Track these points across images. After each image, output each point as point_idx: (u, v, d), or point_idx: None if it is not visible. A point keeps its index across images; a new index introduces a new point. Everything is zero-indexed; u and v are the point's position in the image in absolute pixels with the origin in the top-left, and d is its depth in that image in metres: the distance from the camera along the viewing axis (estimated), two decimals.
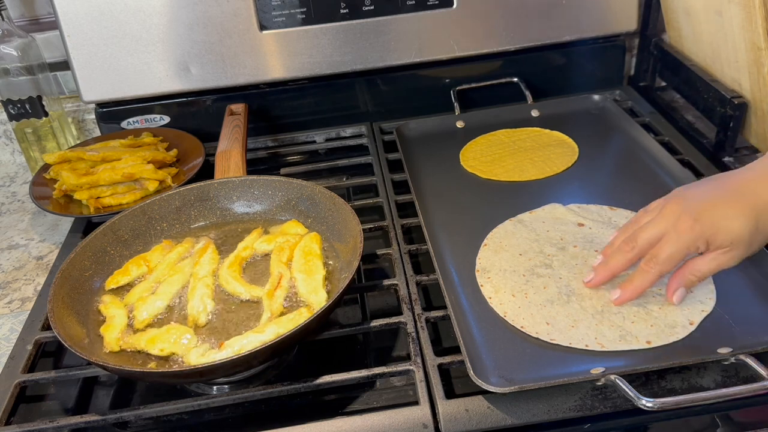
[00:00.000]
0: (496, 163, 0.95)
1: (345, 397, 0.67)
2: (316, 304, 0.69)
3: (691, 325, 0.65)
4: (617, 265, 0.68)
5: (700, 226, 0.63)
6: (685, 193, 0.67)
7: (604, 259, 0.70)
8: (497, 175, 0.92)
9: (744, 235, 0.63)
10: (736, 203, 0.63)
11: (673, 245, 0.64)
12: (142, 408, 0.64)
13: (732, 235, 0.63)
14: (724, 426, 0.63)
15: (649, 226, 0.66)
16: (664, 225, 0.65)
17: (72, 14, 0.99)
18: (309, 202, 0.83)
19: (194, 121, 1.10)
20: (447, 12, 1.04)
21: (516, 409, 0.60)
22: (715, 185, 0.66)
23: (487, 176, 0.93)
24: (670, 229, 0.64)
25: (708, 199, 0.65)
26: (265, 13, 1.01)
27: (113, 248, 0.79)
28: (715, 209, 0.64)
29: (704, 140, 0.98)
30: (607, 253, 0.70)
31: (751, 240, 0.63)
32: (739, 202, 0.63)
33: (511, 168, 0.94)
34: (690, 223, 0.63)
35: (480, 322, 0.68)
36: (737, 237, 0.63)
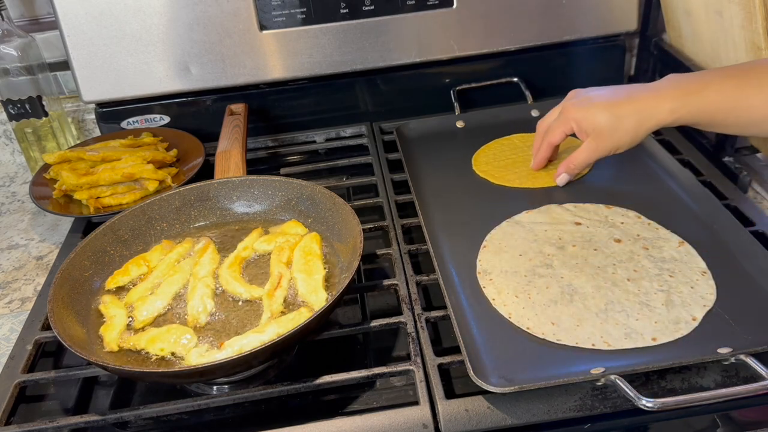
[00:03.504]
0: (509, 169, 0.94)
1: (345, 397, 0.67)
2: (316, 304, 0.69)
3: (694, 320, 0.66)
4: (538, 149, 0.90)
5: (575, 114, 0.81)
6: (587, 91, 0.83)
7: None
8: (510, 182, 0.91)
9: (604, 127, 0.78)
10: (609, 102, 0.78)
11: (555, 125, 0.85)
12: (142, 408, 0.64)
13: (594, 124, 0.79)
14: (724, 426, 0.63)
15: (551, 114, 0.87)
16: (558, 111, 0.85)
17: (72, 14, 0.99)
18: (309, 202, 0.83)
19: (194, 121, 1.10)
20: (447, 12, 1.04)
21: (516, 409, 0.60)
22: (610, 90, 0.81)
23: (499, 182, 0.91)
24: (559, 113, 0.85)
25: (591, 99, 0.80)
26: (265, 13, 1.01)
27: (113, 248, 0.79)
28: (591, 105, 0.79)
29: (704, 140, 0.98)
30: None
31: (612, 133, 0.78)
32: (612, 102, 0.78)
33: (524, 174, 0.92)
34: (570, 112, 0.82)
35: (480, 322, 0.68)
36: (598, 127, 0.78)
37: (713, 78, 0.74)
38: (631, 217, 0.82)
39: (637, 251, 0.76)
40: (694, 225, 0.80)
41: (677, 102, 0.74)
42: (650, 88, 0.77)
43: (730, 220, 0.78)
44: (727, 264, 0.73)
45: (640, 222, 0.81)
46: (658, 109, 0.75)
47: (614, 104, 0.78)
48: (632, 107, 0.76)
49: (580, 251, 0.76)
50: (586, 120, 0.79)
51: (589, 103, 0.80)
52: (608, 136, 0.78)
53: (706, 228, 0.79)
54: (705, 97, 0.73)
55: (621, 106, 0.77)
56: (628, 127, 0.77)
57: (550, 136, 0.86)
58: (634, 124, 0.76)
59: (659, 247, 0.76)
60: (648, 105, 0.75)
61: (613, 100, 0.78)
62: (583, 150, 0.82)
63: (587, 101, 0.80)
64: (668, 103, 0.74)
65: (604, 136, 0.78)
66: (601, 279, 0.72)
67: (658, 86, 0.76)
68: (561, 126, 0.84)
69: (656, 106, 0.75)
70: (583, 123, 0.80)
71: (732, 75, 0.73)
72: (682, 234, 0.78)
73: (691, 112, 0.74)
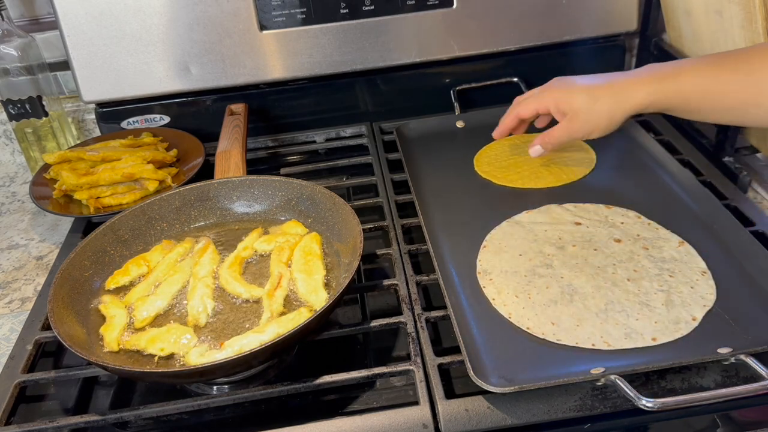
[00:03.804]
0: (511, 169, 0.93)
1: (345, 397, 0.67)
2: (316, 304, 0.69)
3: (694, 320, 0.66)
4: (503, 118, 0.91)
5: (554, 94, 0.83)
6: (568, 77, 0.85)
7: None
8: (512, 182, 0.91)
9: (580, 109, 0.80)
10: (587, 87, 0.80)
11: (530, 100, 0.86)
12: (142, 408, 0.64)
13: (571, 104, 0.80)
14: (724, 426, 0.63)
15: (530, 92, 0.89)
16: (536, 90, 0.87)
17: (72, 14, 0.99)
18: (309, 202, 0.83)
19: (194, 121, 1.10)
20: (447, 12, 1.04)
21: (516, 409, 0.60)
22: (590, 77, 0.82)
23: (501, 182, 0.91)
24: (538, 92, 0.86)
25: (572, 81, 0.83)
26: (265, 13, 1.01)
27: (113, 248, 0.79)
28: (570, 88, 0.82)
29: (704, 140, 0.98)
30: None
31: (588, 115, 0.80)
32: (590, 87, 0.80)
33: (526, 175, 0.92)
34: (549, 92, 0.84)
35: (480, 322, 0.68)
36: (574, 107, 0.80)
37: (689, 64, 0.76)
38: (631, 217, 0.82)
39: (637, 251, 0.76)
40: (694, 225, 0.80)
41: (653, 86, 0.76)
42: (629, 74, 0.79)
43: (730, 220, 0.78)
44: (727, 264, 0.73)
45: (640, 222, 0.81)
46: (634, 92, 0.77)
47: (592, 87, 0.80)
48: (609, 90, 0.79)
49: (580, 251, 0.76)
50: (564, 100, 0.81)
51: (569, 85, 0.82)
52: (584, 116, 0.80)
53: (706, 228, 0.79)
54: (680, 82, 0.74)
55: (598, 89, 0.79)
56: (604, 109, 0.79)
57: (522, 108, 0.88)
58: (610, 106, 0.78)
59: (659, 247, 0.76)
60: (624, 88, 0.77)
61: (592, 84, 0.81)
62: (560, 128, 0.84)
63: (567, 83, 0.83)
64: (644, 87, 0.76)
65: (580, 117, 0.80)
66: (601, 279, 0.72)
67: (637, 72, 0.79)
68: (536, 102, 0.86)
69: (632, 89, 0.77)
70: (560, 102, 0.82)
71: (708, 62, 0.74)
72: (682, 234, 0.78)
73: (666, 96, 0.75)
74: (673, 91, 0.75)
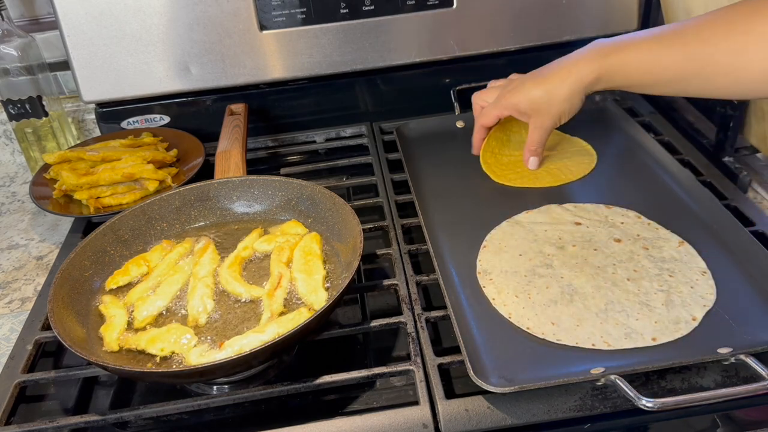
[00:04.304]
0: (511, 168, 0.93)
1: (345, 397, 0.67)
2: (316, 304, 0.69)
3: (694, 320, 0.66)
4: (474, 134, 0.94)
5: (510, 98, 0.85)
6: (518, 77, 0.86)
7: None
8: (511, 181, 0.91)
9: (540, 103, 0.81)
10: (537, 79, 0.82)
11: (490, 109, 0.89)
12: (142, 408, 0.64)
13: (530, 103, 0.82)
14: (724, 426, 0.63)
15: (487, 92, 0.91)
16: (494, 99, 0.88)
17: (72, 14, 0.99)
18: (309, 202, 0.83)
19: (194, 121, 1.10)
20: (447, 12, 1.05)
21: (516, 409, 0.60)
22: (534, 71, 0.84)
23: (500, 180, 0.91)
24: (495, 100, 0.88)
25: (524, 80, 0.84)
26: (265, 13, 1.01)
27: (113, 248, 0.79)
28: (522, 87, 0.83)
29: (704, 140, 0.98)
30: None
31: (549, 107, 0.81)
32: (540, 78, 0.82)
33: (526, 174, 0.92)
34: (505, 98, 0.85)
35: (480, 322, 0.68)
36: (534, 105, 0.82)
37: (632, 39, 0.76)
38: (631, 217, 0.82)
39: (637, 251, 0.76)
40: (694, 225, 0.80)
41: (596, 63, 0.77)
42: (574, 54, 0.81)
43: (730, 220, 0.78)
44: (727, 264, 0.73)
45: (640, 222, 0.81)
46: (581, 71, 0.78)
47: (543, 79, 0.81)
48: (559, 77, 0.80)
49: (580, 251, 0.76)
50: (522, 102, 0.83)
51: (521, 86, 0.83)
52: (547, 109, 0.82)
53: (706, 228, 0.79)
54: (622, 57, 0.76)
55: (549, 79, 0.81)
56: (562, 96, 0.80)
57: (484, 119, 0.90)
58: (565, 91, 0.80)
59: (659, 247, 0.76)
60: (572, 71, 0.79)
61: (541, 75, 0.82)
62: (533, 130, 0.86)
63: (519, 84, 0.84)
64: (588, 64, 0.78)
65: (543, 111, 0.82)
66: (601, 279, 0.72)
67: (581, 51, 0.80)
68: (496, 110, 0.88)
69: (579, 69, 0.78)
70: (520, 105, 0.84)
71: (650, 36, 0.75)
72: (682, 234, 0.78)
73: (610, 72, 0.77)
74: (617, 67, 0.76)
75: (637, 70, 0.75)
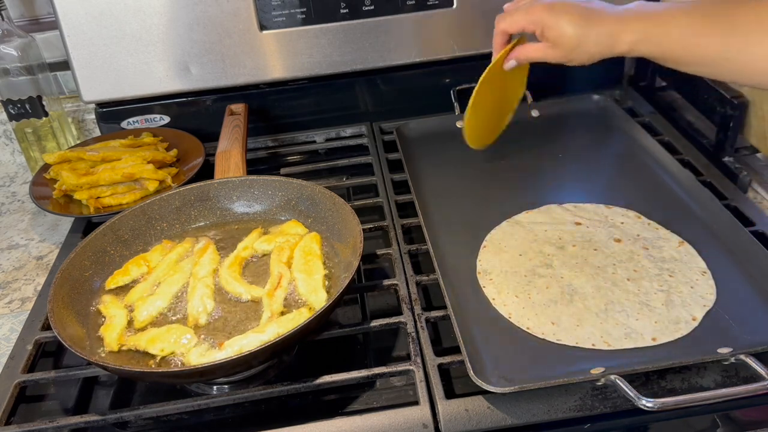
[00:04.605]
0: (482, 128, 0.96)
1: (345, 397, 0.67)
2: (316, 304, 0.69)
3: (694, 320, 0.66)
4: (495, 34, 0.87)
5: (544, 16, 0.78)
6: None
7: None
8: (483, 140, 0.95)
9: (568, 41, 0.77)
10: (580, 17, 0.77)
11: (518, 15, 0.81)
12: (142, 408, 0.64)
13: (559, 36, 0.78)
14: (724, 426, 0.63)
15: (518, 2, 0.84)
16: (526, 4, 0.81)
17: (72, 14, 0.99)
18: (309, 202, 0.83)
19: (194, 121, 1.10)
20: (447, 12, 1.04)
21: (516, 409, 0.60)
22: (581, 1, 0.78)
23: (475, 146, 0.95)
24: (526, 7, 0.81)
25: (565, 5, 0.78)
26: (265, 13, 1.01)
27: (113, 248, 0.79)
28: (562, 13, 0.78)
29: (704, 140, 0.98)
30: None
31: (573, 48, 0.78)
32: (582, 18, 0.76)
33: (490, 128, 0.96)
34: (538, 11, 0.79)
35: (480, 322, 0.68)
36: (561, 39, 0.78)
37: (678, 11, 0.73)
38: (631, 217, 0.82)
39: (637, 251, 0.76)
40: (694, 225, 0.80)
41: (640, 35, 0.74)
42: (617, 13, 0.76)
43: (730, 220, 0.78)
44: (727, 264, 0.73)
45: (640, 222, 0.81)
46: (620, 39, 0.75)
47: (584, 22, 0.77)
48: (598, 30, 0.76)
49: (580, 251, 0.76)
50: (553, 29, 0.78)
51: (560, 10, 0.78)
52: (568, 50, 0.78)
53: (706, 228, 0.79)
54: (667, 32, 0.73)
55: (589, 26, 0.76)
56: (590, 49, 0.77)
57: (508, 24, 0.83)
58: (597, 47, 0.77)
59: (659, 247, 0.76)
60: (613, 32, 0.75)
61: (583, 17, 0.77)
62: (539, 49, 0.81)
63: (558, 8, 0.78)
64: (630, 35, 0.74)
65: (564, 48, 0.79)
66: (601, 279, 0.72)
67: (625, 13, 0.76)
68: (523, 20, 0.81)
69: (619, 35, 0.75)
70: (548, 31, 0.79)
71: (697, 12, 0.72)
72: (682, 234, 0.78)
73: (650, 46, 0.74)
74: (658, 42, 0.73)
75: (678, 45, 0.72)
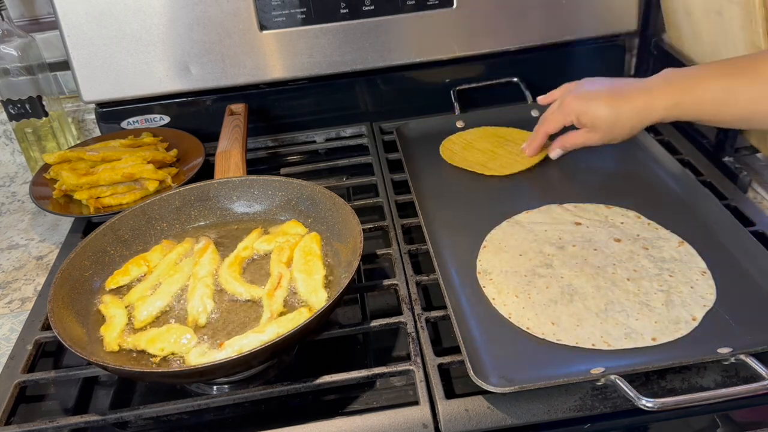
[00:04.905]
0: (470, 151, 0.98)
1: (345, 397, 0.67)
2: (316, 304, 0.69)
3: (694, 320, 0.66)
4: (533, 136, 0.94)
5: (575, 106, 0.84)
6: (585, 84, 0.87)
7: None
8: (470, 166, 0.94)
9: (602, 123, 0.82)
10: (609, 98, 0.82)
11: (555, 116, 0.88)
12: (142, 408, 0.64)
13: (594, 118, 0.83)
14: (724, 426, 0.63)
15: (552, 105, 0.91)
16: (558, 104, 0.89)
17: (72, 14, 0.99)
18: (309, 202, 0.83)
19: (194, 121, 1.10)
20: (447, 12, 1.04)
21: (516, 409, 0.60)
22: (607, 84, 0.84)
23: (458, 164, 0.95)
24: (559, 105, 0.88)
25: (593, 91, 0.84)
26: (265, 13, 1.01)
27: (113, 248, 0.79)
28: (592, 100, 0.83)
29: (704, 140, 0.98)
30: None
31: (611, 128, 0.82)
32: (612, 99, 0.81)
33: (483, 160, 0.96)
34: (571, 103, 0.85)
35: (480, 322, 0.68)
36: (597, 121, 0.83)
37: (705, 75, 0.77)
38: (631, 217, 0.82)
39: (637, 251, 0.76)
40: (694, 225, 0.80)
41: (671, 100, 0.77)
42: (646, 86, 0.80)
43: (730, 220, 0.78)
44: (727, 264, 0.73)
45: (640, 222, 0.81)
46: (654, 108, 0.79)
47: (614, 102, 0.81)
48: (630, 106, 0.80)
49: (580, 251, 0.76)
50: (587, 114, 0.83)
51: (590, 97, 0.83)
52: (607, 130, 0.83)
53: (706, 228, 0.79)
54: (697, 95, 0.76)
55: (620, 104, 0.81)
56: (626, 125, 0.82)
57: (547, 126, 0.90)
58: (632, 122, 0.81)
59: (659, 247, 0.76)
60: (645, 105, 0.79)
61: (612, 97, 0.82)
62: (581, 135, 0.87)
63: (587, 95, 0.84)
64: (663, 101, 0.78)
65: (602, 130, 0.84)
66: (601, 279, 0.72)
67: (653, 84, 0.79)
68: (560, 117, 0.88)
69: (652, 105, 0.79)
70: (583, 117, 0.84)
71: (723, 72, 0.75)
72: (682, 234, 0.78)
73: (683, 109, 0.77)
74: (690, 105, 0.77)
75: (711, 106, 0.75)
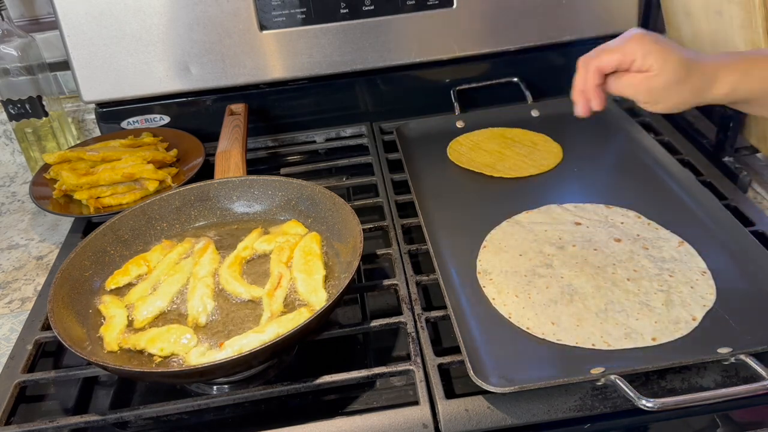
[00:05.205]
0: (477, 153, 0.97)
1: (345, 397, 0.67)
2: (316, 304, 0.69)
3: (694, 320, 0.66)
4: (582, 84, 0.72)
5: (647, 46, 0.68)
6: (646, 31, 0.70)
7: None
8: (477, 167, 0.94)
9: (671, 72, 0.67)
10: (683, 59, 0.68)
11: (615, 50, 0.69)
12: (142, 408, 0.64)
13: (662, 62, 0.67)
14: (724, 426, 0.63)
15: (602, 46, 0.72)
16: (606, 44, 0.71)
17: (72, 14, 0.99)
18: (309, 202, 0.83)
19: (194, 121, 1.10)
20: (447, 12, 1.04)
21: (516, 409, 0.60)
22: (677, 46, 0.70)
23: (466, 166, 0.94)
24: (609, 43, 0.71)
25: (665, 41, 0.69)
26: (265, 13, 1.01)
27: (113, 248, 0.79)
28: (668, 48, 0.68)
29: (704, 140, 0.98)
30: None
31: (675, 81, 0.68)
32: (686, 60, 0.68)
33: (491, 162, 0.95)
34: (643, 40, 0.68)
35: (480, 322, 0.68)
36: (665, 68, 0.67)
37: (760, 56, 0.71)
38: (631, 217, 0.82)
39: (637, 251, 0.76)
40: (694, 225, 0.80)
41: (737, 75, 0.69)
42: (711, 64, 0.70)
43: (730, 220, 0.78)
44: (727, 264, 0.73)
45: (640, 222, 0.81)
46: (721, 80, 0.69)
47: (688, 61, 0.69)
48: (701, 71, 0.69)
49: (580, 251, 0.76)
50: (657, 56, 0.68)
51: (664, 44, 0.69)
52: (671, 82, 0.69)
53: (706, 228, 0.79)
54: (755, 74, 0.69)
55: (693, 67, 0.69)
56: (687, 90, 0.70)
57: (603, 61, 0.70)
58: (694, 90, 0.70)
59: (659, 247, 0.76)
60: (714, 75, 0.69)
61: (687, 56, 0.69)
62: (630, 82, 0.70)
63: (657, 37, 0.69)
64: (729, 75, 0.69)
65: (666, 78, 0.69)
66: (601, 279, 0.72)
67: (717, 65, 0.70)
68: (618, 52, 0.69)
69: (720, 77, 0.69)
70: (650, 56, 0.68)
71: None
72: (682, 234, 0.78)
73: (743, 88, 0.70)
74: (751, 82, 0.69)
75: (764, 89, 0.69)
